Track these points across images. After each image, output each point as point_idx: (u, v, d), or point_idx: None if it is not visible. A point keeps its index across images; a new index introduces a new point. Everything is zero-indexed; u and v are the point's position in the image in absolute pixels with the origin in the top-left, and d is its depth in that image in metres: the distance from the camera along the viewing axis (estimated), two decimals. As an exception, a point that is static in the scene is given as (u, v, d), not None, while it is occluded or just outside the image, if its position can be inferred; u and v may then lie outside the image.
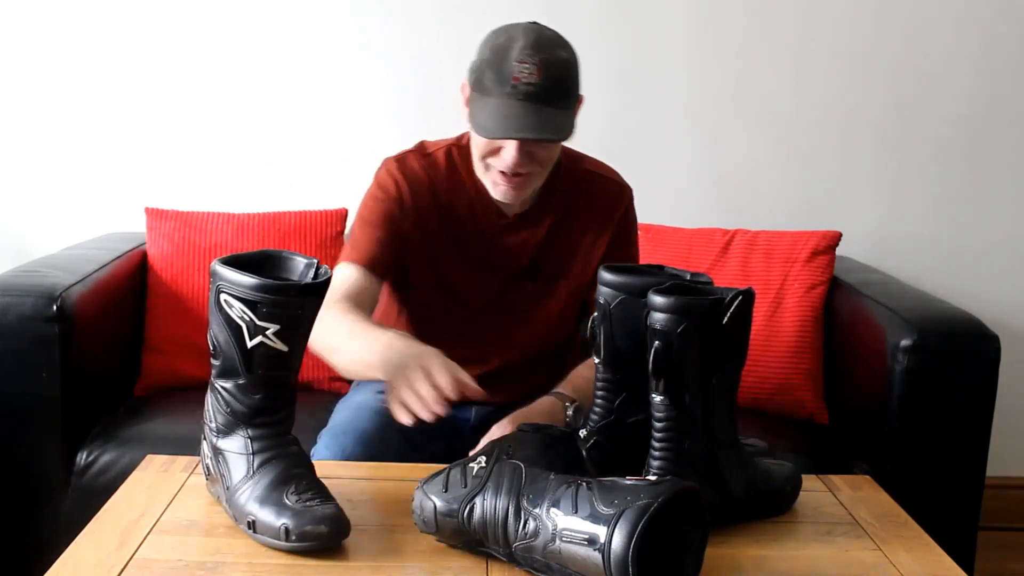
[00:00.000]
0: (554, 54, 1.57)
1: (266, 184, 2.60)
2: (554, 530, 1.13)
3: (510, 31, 1.59)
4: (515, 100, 1.55)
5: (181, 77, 2.58)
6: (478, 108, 1.60)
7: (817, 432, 2.19)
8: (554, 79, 1.56)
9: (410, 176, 1.73)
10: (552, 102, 1.57)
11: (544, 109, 1.56)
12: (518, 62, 1.54)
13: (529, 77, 1.54)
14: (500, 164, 1.62)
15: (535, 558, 1.16)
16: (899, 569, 1.26)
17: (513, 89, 1.54)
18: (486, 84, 1.58)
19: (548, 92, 1.56)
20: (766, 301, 2.26)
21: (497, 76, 1.56)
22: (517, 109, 1.55)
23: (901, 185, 2.68)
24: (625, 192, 1.83)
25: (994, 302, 2.65)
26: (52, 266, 2.11)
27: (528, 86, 1.54)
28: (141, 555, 1.20)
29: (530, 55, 1.54)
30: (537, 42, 1.56)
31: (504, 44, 1.57)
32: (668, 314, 1.26)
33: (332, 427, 1.70)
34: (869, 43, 2.63)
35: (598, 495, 1.12)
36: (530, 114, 1.55)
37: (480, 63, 1.60)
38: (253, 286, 1.21)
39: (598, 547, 1.09)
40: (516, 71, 1.54)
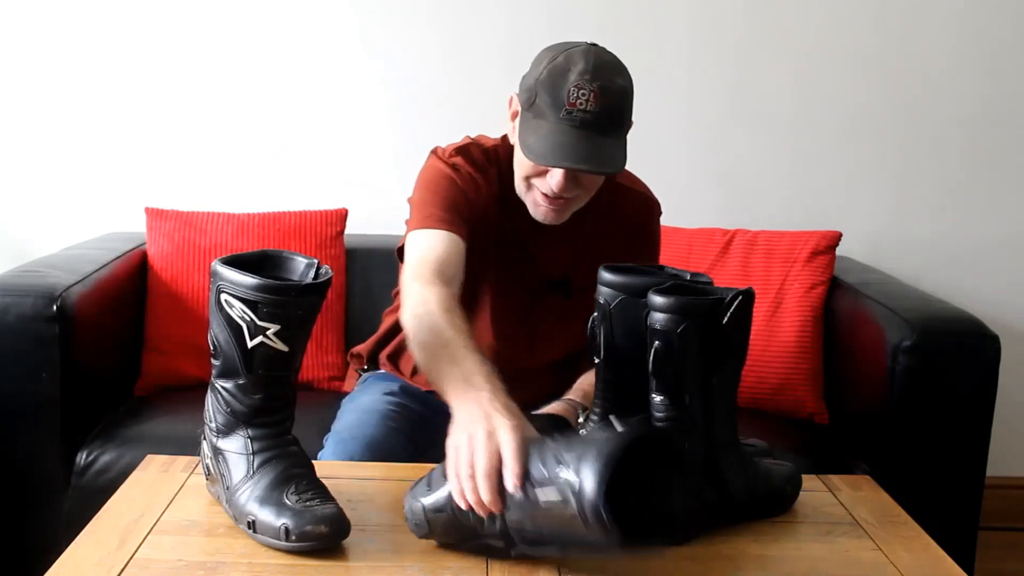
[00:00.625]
0: (613, 81, 1.52)
1: (266, 184, 2.60)
2: (533, 496, 1.11)
3: (569, 53, 1.52)
4: (569, 127, 1.49)
5: (181, 77, 2.58)
6: (529, 130, 1.53)
7: (817, 432, 2.19)
8: (610, 108, 1.51)
9: (476, 169, 1.67)
10: (606, 131, 1.51)
11: (598, 138, 1.50)
12: (575, 87, 1.48)
13: (585, 104, 1.48)
14: (544, 187, 1.58)
15: (526, 531, 1.14)
16: (899, 569, 1.26)
17: (568, 115, 1.49)
18: (540, 106, 1.52)
19: (603, 121, 1.50)
20: (766, 301, 2.26)
21: (552, 99, 1.50)
22: (571, 137, 1.49)
23: (901, 185, 2.68)
24: (655, 209, 1.80)
25: (994, 302, 2.65)
26: (52, 266, 2.11)
27: (584, 113, 1.48)
28: (141, 555, 1.20)
29: (588, 81, 1.48)
30: (596, 67, 1.50)
31: (562, 65, 1.51)
32: (668, 314, 1.26)
33: (339, 432, 1.69)
34: (869, 43, 2.63)
35: (563, 447, 1.11)
36: (583, 143, 1.49)
37: (535, 83, 1.53)
38: (253, 286, 1.21)
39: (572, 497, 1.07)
40: (572, 96, 1.48)
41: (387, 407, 1.72)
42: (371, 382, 1.86)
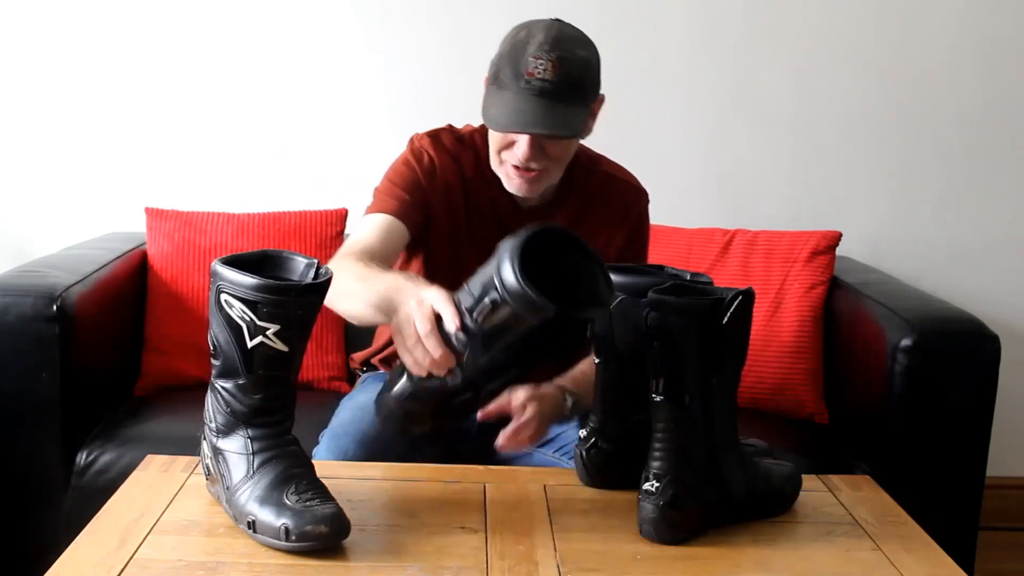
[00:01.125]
0: (572, 52, 1.57)
1: (266, 184, 2.60)
2: (472, 323, 1.20)
3: (531, 27, 1.59)
4: (528, 95, 1.55)
5: (181, 77, 2.58)
6: (492, 101, 1.60)
7: (817, 432, 2.19)
8: (569, 77, 1.56)
9: (442, 152, 1.74)
10: (566, 99, 1.56)
11: (557, 106, 1.55)
12: (534, 58, 1.55)
13: (543, 73, 1.54)
14: (513, 158, 1.63)
15: (482, 364, 1.22)
16: (899, 569, 1.26)
17: (527, 84, 1.55)
18: (501, 78, 1.58)
19: (562, 89, 1.55)
20: (766, 301, 2.26)
21: (512, 70, 1.56)
22: (529, 104, 1.55)
23: (901, 185, 2.69)
24: (642, 197, 1.83)
25: (994, 302, 2.65)
26: (52, 266, 2.11)
27: (542, 82, 1.54)
28: (141, 555, 1.20)
29: (547, 51, 1.54)
30: (556, 39, 1.56)
31: (523, 39, 1.58)
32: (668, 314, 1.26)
33: (333, 428, 1.70)
34: (869, 43, 2.63)
35: (477, 275, 1.22)
36: (542, 110, 1.55)
37: (499, 57, 1.60)
38: (253, 286, 1.21)
39: (498, 293, 1.17)
40: (531, 66, 1.54)
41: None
42: (369, 382, 1.87)
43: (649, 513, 1.28)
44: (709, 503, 1.31)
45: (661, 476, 1.28)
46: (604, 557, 1.25)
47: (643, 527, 1.30)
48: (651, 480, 1.28)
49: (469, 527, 1.31)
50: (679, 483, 1.28)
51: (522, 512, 1.37)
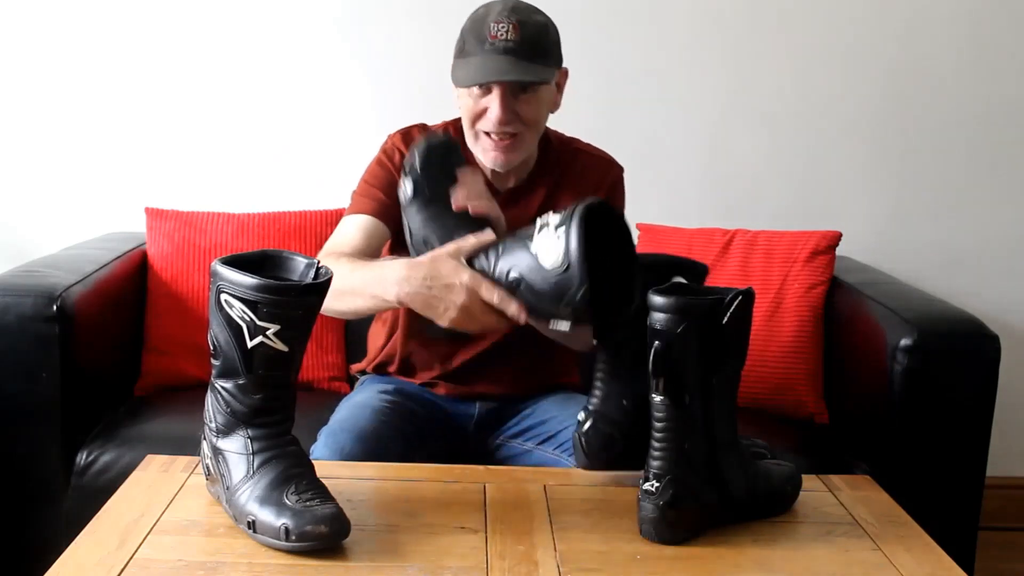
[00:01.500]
0: (531, 17, 1.65)
1: (266, 184, 2.60)
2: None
3: (490, 3, 1.67)
4: (493, 54, 1.61)
5: (181, 77, 2.58)
6: (458, 67, 1.66)
7: (817, 432, 2.19)
8: (531, 37, 1.62)
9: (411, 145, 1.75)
10: (530, 57, 1.62)
11: (522, 62, 1.61)
12: (495, 23, 1.61)
13: (506, 35, 1.60)
14: (487, 124, 1.67)
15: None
16: (899, 569, 1.26)
17: (492, 46, 1.61)
18: (466, 48, 1.65)
19: (526, 48, 1.61)
20: (766, 301, 2.26)
21: (476, 37, 1.63)
22: (495, 60, 1.61)
23: (901, 185, 2.68)
24: (615, 166, 1.86)
25: (994, 302, 2.65)
26: (52, 266, 2.11)
27: (506, 42, 1.61)
28: (141, 555, 1.20)
29: (507, 16, 1.62)
30: (514, 7, 1.64)
31: (482, 12, 1.65)
32: (668, 314, 1.26)
33: (331, 425, 1.70)
34: (869, 43, 2.63)
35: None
36: (508, 63, 1.60)
37: (461, 33, 1.67)
38: (253, 286, 1.21)
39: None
40: (494, 30, 1.61)
41: (380, 403, 1.73)
42: (368, 383, 1.88)
43: (649, 513, 1.28)
44: (709, 503, 1.31)
45: (661, 476, 1.28)
46: (604, 557, 1.25)
47: (643, 527, 1.30)
48: (651, 480, 1.28)
49: (469, 527, 1.31)
50: (679, 483, 1.28)
51: (522, 512, 1.37)
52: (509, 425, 1.80)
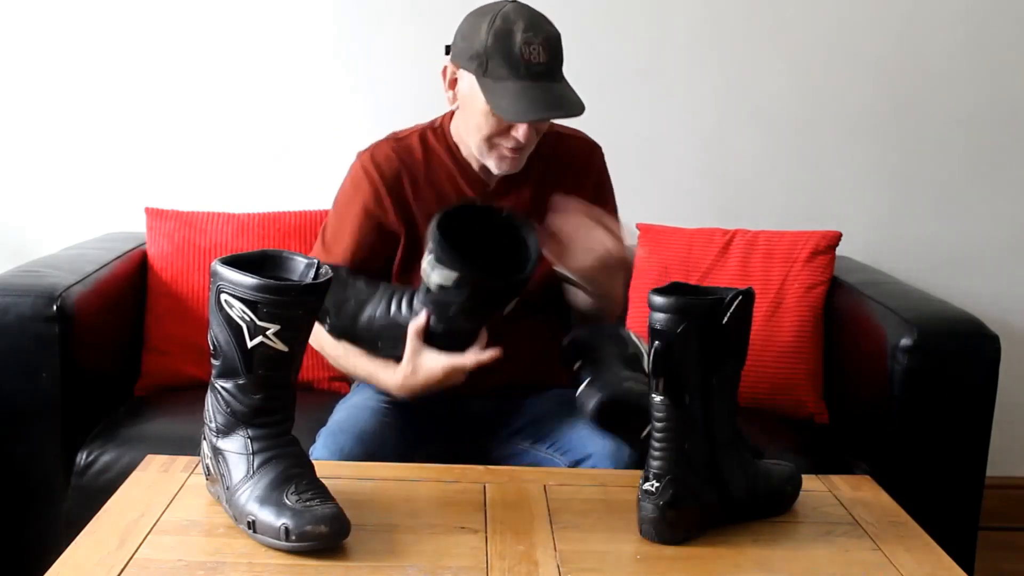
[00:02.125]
0: (550, 31, 1.65)
1: (266, 184, 2.60)
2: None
3: (504, 15, 1.63)
4: (529, 81, 1.60)
5: (181, 78, 2.58)
6: (495, 93, 1.62)
7: (817, 432, 2.19)
8: (556, 54, 1.64)
9: (382, 164, 1.77)
10: (557, 77, 1.65)
11: (554, 85, 1.63)
12: (526, 44, 1.60)
13: (538, 57, 1.60)
14: (510, 142, 1.68)
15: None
16: (899, 569, 1.26)
17: (527, 71, 1.60)
18: (494, 69, 1.62)
19: (553, 68, 1.64)
20: (766, 301, 2.26)
21: (507, 60, 1.60)
22: (536, 91, 1.61)
23: (901, 185, 2.68)
24: (596, 151, 1.88)
25: (994, 302, 2.65)
26: (52, 266, 2.11)
27: (539, 65, 1.61)
28: (141, 555, 1.20)
29: (533, 36, 1.61)
30: (533, 22, 1.63)
31: (503, 27, 1.61)
32: (668, 314, 1.26)
33: (330, 426, 1.71)
34: (869, 43, 2.63)
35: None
36: (546, 93, 1.62)
37: (484, 50, 1.62)
38: (253, 286, 1.21)
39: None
40: (526, 53, 1.60)
41: (379, 404, 1.73)
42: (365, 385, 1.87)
43: (649, 513, 1.28)
44: (709, 503, 1.31)
45: (661, 476, 1.28)
46: (604, 557, 1.25)
47: (643, 527, 1.30)
48: (651, 480, 1.28)
49: (469, 527, 1.31)
50: (679, 483, 1.28)
51: (522, 512, 1.37)
52: (505, 425, 1.80)
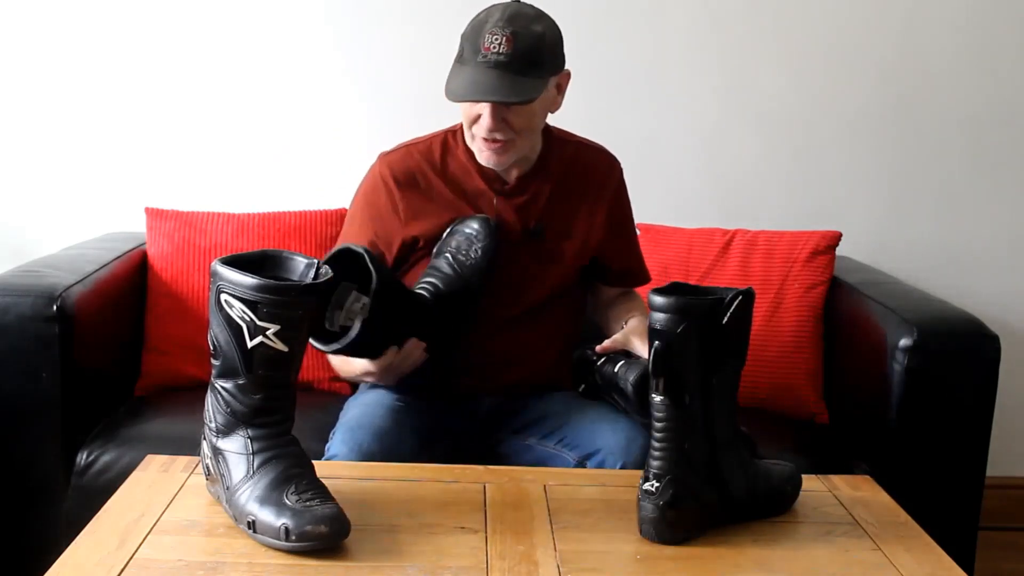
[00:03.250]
0: (526, 28, 1.67)
1: (266, 184, 2.60)
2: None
3: (491, 8, 1.71)
4: (485, 68, 1.65)
5: (181, 78, 2.58)
6: (453, 75, 1.70)
7: (817, 432, 2.19)
8: (524, 50, 1.66)
9: (400, 165, 1.83)
10: (521, 71, 1.66)
11: (512, 76, 1.65)
12: (490, 34, 1.66)
13: (499, 47, 1.64)
14: (480, 130, 1.73)
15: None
16: (899, 569, 1.26)
17: (484, 58, 1.65)
18: (464, 55, 1.70)
19: (516, 62, 1.65)
20: (766, 301, 2.26)
21: (472, 47, 1.67)
22: (485, 76, 1.65)
23: (901, 185, 2.68)
24: (616, 165, 1.92)
25: (994, 302, 2.65)
26: (52, 266, 2.10)
27: (497, 56, 1.65)
28: (141, 555, 1.20)
29: (501, 28, 1.65)
30: (512, 17, 1.67)
31: (482, 19, 1.69)
32: (668, 314, 1.26)
33: (347, 422, 1.71)
34: (869, 43, 2.63)
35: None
36: (497, 80, 1.65)
37: (462, 37, 1.72)
38: (253, 286, 1.21)
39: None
40: (487, 42, 1.65)
41: (393, 401, 1.74)
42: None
43: (649, 513, 1.28)
44: (709, 503, 1.31)
45: (661, 476, 1.28)
46: (604, 557, 1.25)
47: (643, 527, 1.30)
48: (651, 480, 1.28)
49: (469, 527, 1.31)
50: (679, 483, 1.28)
51: (522, 512, 1.37)
52: (512, 421, 1.81)
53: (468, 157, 1.81)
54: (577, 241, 1.85)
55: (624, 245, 1.93)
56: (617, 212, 1.90)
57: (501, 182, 1.82)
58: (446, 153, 1.84)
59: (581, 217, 1.85)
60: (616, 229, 1.89)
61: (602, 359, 1.70)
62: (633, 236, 1.97)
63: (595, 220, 1.86)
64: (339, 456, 1.61)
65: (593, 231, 1.86)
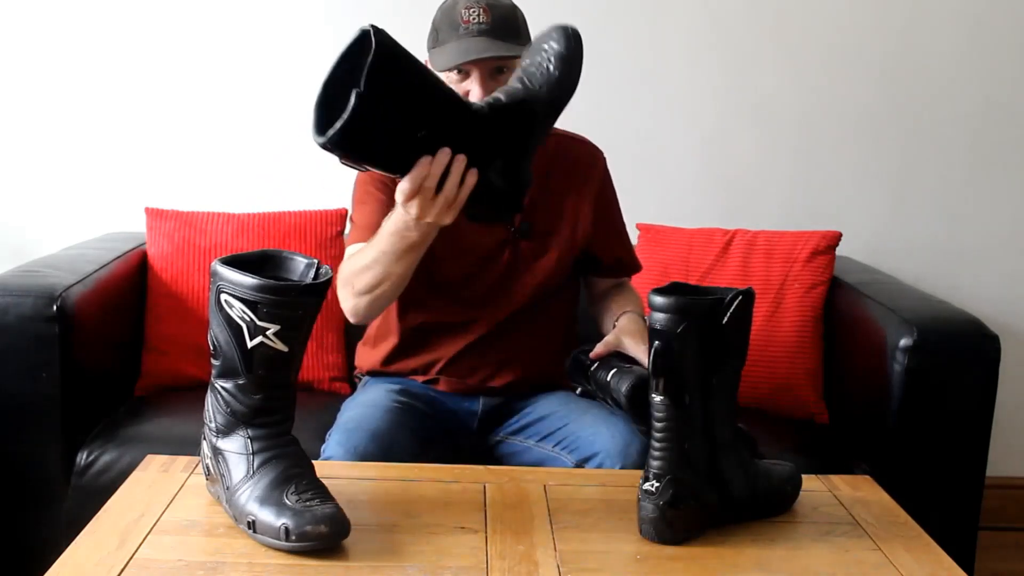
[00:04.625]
0: (498, 1, 1.69)
1: (266, 184, 2.60)
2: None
3: None
4: (468, 37, 1.67)
5: (181, 78, 2.58)
6: (435, 56, 1.70)
7: (817, 432, 2.19)
8: (502, 17, 1.68)
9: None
10: (504, 37, 1.67)
11: (497, 41, 1.66)
12: (465, 8, 1.67)
13: (478, 17, 1.67)
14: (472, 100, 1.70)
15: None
16: (899, 569, 1.26)
17: (466, 30, 1.67)
18: (440, 37, 1.70)
19: (498, 29, 1.67)
20: (766, 301, 2.26)
21: (449, 25, 1.69)
22: (472, 43, 1.66)
23: (901, 185, 2.68)
24: (599, 156, 1.91)
25: (994, 302, 2.65)
26: (52, 266, 2.11)
27: (479, 24, 1.67)
28: (141, 555, 1.20)
29: (475, 2, 1.68)
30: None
31: (450, 2, 1.72)
32: (668, 314, 1.26)
33: (343, 424, 1.70)
34: (869, 43, 2.63)
35: None
36: (484, 43, 1.66)
37: (432, 28, 1.73)
38: (253, 286, 1.21)
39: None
40: (465, 15, 1.67)
41: (391, 402, 1.74)
42: (372, 383, 1.88)
43: (649, 513, 1.28)
44: (709, 503, 1.31)
45: (661, 476, 1.28)
46: (604, 557, 1.25)
47: (643, 527, 1.30)
48: (651, 480, 1.28)
49: (469, 527, 1.31)
50: (679, 483, 1.28)
51: (522, 512, 1.37)
52: (510, 422, 1.81)
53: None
54: (565, 236, 1.83)
55: (613, 236, 1.91)
56: (603, 203, 1.88)
57: None
58: None
59: (567, 211, 1.84)
60: (603, 220, 1.87)
61: (595, 364, 1.66)
62: (621, 226, 1.94)
63: (581, 213, 1.84)
64: (334, 458, 1.61)
65: (580, 224, 1.84)
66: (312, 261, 1.29)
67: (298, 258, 1.30)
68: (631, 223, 2.01)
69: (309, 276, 1.28)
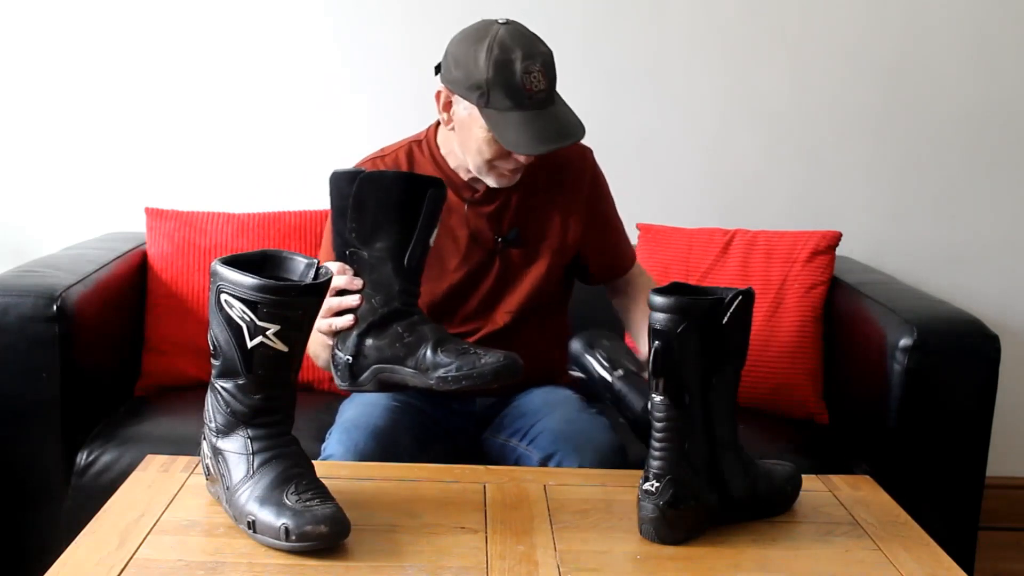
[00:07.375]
0: (544, 51, 1.65)
1: (266, 184, 2.61)
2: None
3: (499, 41, 1.62)
4: (535, 112, 1.62)
5: (181, 78, 2.58)
6: (501, 125, 1.62)
7: (817, 432, 2.19)
8: (553, 77, 1.66)
9: None
10: (557, 98, 1.67)
11: (555, 110, 1.65)
12: (526, 73, 1.61)
13: (538, 84, 1.62)
14: (511, 164, 1.70)
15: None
16: (899, 569, 1.26)
17: (529, 100, 1.61)
18: (497, 100, 1.62)
19: (552, 90, 1.65)
20: (766, 301, 2.26)
21: (509, 91, 1.61)
22: (542, 120, 1.62)
23: (901, 185, 2.68)
24: (587, 153, 1.89)
25: (994, 302, 2.65)
26: (52, 266, 2.11)
27: (540, 93, 1.62)
28: (141, 555, 1.20)
29: (532, 63, 1.61)
30: (529, 47, 1.62)
31: (503, 58, 1.61)
32: (668, 314, 1.26)
33: (344, 423, 1.71)
34: (869, 42, 2.63)
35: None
36: (552, 122, 1.64)
37: (484, 82, 1.62)
38: (253, 286, 1.21)
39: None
40: (527, 82, 1.61)
41: (391, 401, 1.74)
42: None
43: (649, 513, 1.28)
44: (709, 503, 1.31)
45: (661, 476, 1.28)
46: (604, 557, 1.25)
47: (643, 527, 1.30)
48: (651, 480, 1.28)
49: (469, 527, 1.31)
50: (679, 483, 1.28)
51: (522, 512, 1.37)
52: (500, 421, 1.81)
53: (434, 168, 1.78)
54: (555, 240, 1.82)
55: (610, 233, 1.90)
56: (595, 201, 1.86)
57: (471, 191, 1.79)
58: (412, 164, 1.80)
59: (557, 215, 1.82)
60: (598, 219, 1.86)
61: (617, 371, 1.63)
62: (616, 221, 1.91)
63: (572, 215, 1.83)
64: (335, 457, 1.61)
65: (571, 227, 1.83)
66: (312, 261, 1.29)
67: (298, 258, 1.30)
68: (631, 223, 2.01)
69: (309, 276, 1.28)
